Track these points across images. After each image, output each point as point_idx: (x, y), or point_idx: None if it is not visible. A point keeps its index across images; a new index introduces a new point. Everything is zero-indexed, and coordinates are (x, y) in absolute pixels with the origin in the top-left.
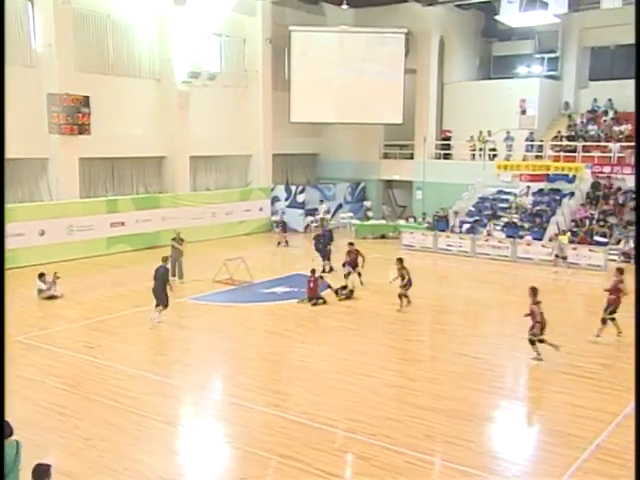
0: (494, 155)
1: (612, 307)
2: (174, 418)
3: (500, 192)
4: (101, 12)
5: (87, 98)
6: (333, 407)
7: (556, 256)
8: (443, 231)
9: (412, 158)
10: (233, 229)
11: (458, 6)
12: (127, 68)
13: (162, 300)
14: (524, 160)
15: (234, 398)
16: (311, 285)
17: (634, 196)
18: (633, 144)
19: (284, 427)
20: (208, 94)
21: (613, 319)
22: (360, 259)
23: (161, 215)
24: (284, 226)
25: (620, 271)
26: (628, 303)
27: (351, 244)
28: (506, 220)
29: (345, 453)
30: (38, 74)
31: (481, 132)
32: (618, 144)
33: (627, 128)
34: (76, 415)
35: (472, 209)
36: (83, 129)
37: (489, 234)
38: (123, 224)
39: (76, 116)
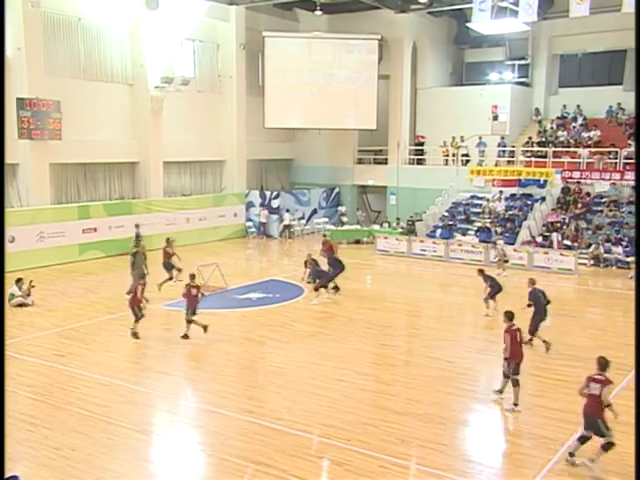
0: (467, 160)
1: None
2: (147, 426)
3: (473, 197)
4: (71, 16)
5: (58, 103)
6: (308, 413)
7: (505, 261)
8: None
9: (386, 163)
10: (207, 235)
11: (430, 13)
12: (99, 73)
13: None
14: (496, 165)
15: (208, 405)
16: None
17: (602, 201)
18: (602, 150)
19: (259, 434)
20: (181, 99)
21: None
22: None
23: (134, 221)
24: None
25: (509, 316)
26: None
27: (324, 235)
28: (479, 225)
29: (320, 459)
30: (7, 78)
31: (454, 138)
32: (587, 150)
33: (596, 134)
34: (46, 425)
35: (446, 214)
36: (54, 134)
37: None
38: (95, 230)
39: (47, 121)
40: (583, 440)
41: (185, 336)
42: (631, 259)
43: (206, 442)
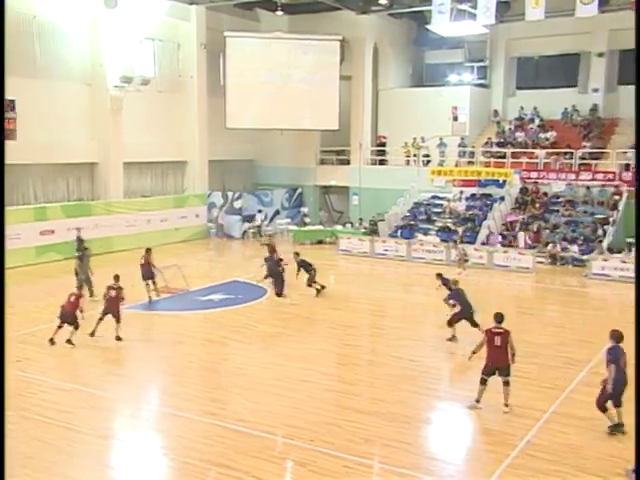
0: (428, 161)
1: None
2: (108, 431)
3: (434, 197)
4: (26, 13)
5: (13, 102)
6: (271, 414)
7: (466, 260)
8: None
9: (348, 164)
10: (169, 236)
11: (390, 15)
12: (56, 71)
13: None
14: (456, 166)
15: (170, 408)
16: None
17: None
18: (558, 151)
19: (221, 436)
20: (142, 99)
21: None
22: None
23: (94, 222)
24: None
25: (497, 318)
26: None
27: (269, 236)
28: (440, 225)
29: (284, 460)
30: None
31: (415, 138)
32: (544, 151)
33: (552, 135)
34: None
35: (407, 214)
36: (9, 134)
37: None
38: (53, 232)
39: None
40: None
41: (91, 333)
42: (586, 257)
43: (168, 446)
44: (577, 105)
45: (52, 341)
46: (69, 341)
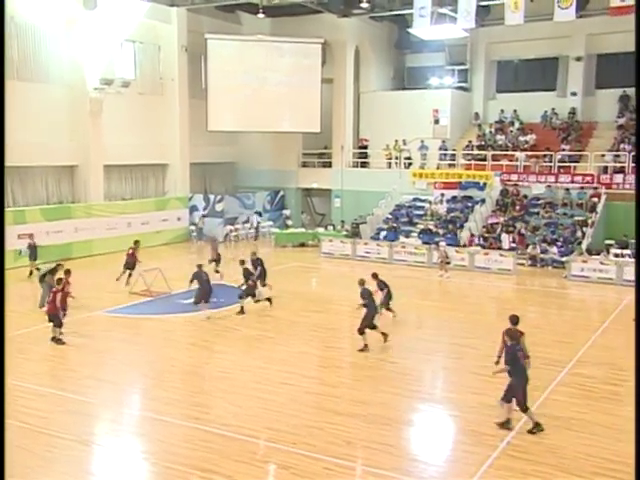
0: (409, 163)
1: None
2: (88, 436)
3: (416, 199)
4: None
5: None
6: (254, 417)
7: (447, 262)
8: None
9: (330, 166)
10: (150, 239)
11: (372, 18)
12: (34, 73)
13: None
14: (438, 168)
15: (152, 413)
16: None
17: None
18: (537, 153)
19: (204, 440)
20: (122, 101)
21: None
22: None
23: (73, 226)
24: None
25: (513, 320)
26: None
27: (214, 240)
28: (422, 227)
29: (266, 463)
30: None
31: (396, 141)
32: (523, 153)
33: (532, 138)
34: None
35: (389, 216)
36: None
37: None
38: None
39: None
40: None
41: (57, 340)
42: (565, 259)
43: (150, 450)
44: (556, 108)
45: (55, 339)
46: (58, 340)
